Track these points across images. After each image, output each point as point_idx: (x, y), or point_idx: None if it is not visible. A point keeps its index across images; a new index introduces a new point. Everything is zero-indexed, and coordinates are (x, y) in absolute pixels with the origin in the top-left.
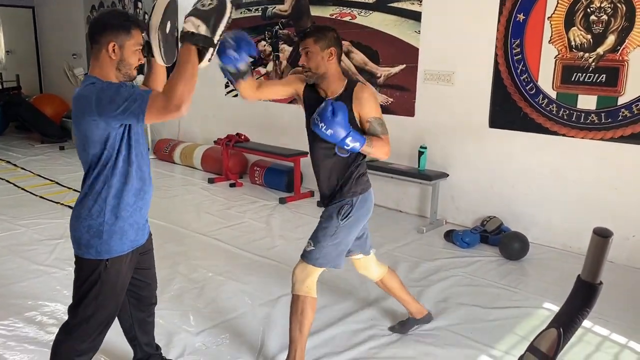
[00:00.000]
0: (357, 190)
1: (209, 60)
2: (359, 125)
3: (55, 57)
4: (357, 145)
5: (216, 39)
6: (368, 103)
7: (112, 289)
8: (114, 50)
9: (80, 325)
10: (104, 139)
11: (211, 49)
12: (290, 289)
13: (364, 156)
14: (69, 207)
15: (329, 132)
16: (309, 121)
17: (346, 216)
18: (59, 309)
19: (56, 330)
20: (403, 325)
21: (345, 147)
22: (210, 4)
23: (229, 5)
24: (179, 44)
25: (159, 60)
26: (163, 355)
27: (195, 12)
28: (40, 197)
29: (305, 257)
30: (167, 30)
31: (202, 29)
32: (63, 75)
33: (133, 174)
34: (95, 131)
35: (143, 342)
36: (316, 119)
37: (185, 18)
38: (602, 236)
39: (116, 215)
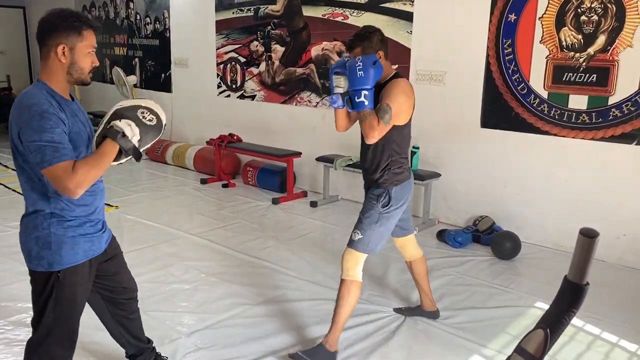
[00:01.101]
0: (392, 181)
1: (118, 164)
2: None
3: None
4: (365, 103)
5: (141, 150)
6: (392, 89)
7: (69, 300)
8: (63, 53)
9: (45, 339)
10: (24, 154)
11: (127, 158)
12: (341, 275)
13: (398, 153)
14: None
15: (360, 72)
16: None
17: (386, 205)
18: None
19: None
20: (410, 310)
21: (356, 97)
22: (150, 120)
23: (163, 129)
24: (100, 135)
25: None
26: (156, 349)
27: (136, 120)
28: None
29: (354, 245)
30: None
31: (135, 140)
32: None
33: None
34: (19, 144)
35: (133, 341)
36: (359, 58)
37: (122, 119)
38: (588, 236)
39: (63, 225)
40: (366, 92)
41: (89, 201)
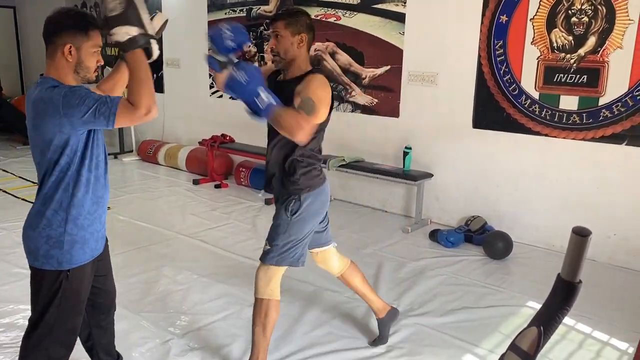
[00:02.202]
0: (304, 186)
1: (159, 50)
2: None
3: (37, 59)
4: (268, 101)
5: (149, 29)
6: (310, 84)
7: (74, 298)
8: (70, 52)
9: (45, 338)
10: (65, 143)
11: (153, 41)
12: (254, 293)
13: (310, 155)
14: None
15: (244, 78)
16: None
17: (295, 212)
18: None
19: None
20: (380, 338)
21: (255, 97)
22: (115, 5)
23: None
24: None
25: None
26: None
27: (112, 22)
28: (23, 199)
29: (263, 258)
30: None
31: (133, 31)
32: None
33: (94, 182)
34: (58, 135)
35: (102, 351)
36: (234, 68)
37: (109, 32)
38: (581, 235)
39: (77, 224)
40: (263, 90)
41: (101, 193)
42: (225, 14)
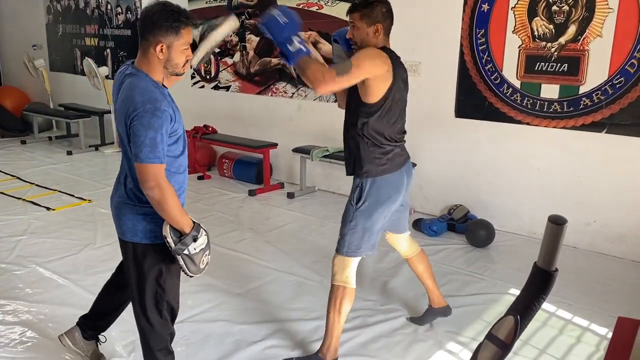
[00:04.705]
0: (369, 171)
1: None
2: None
3: (15, 49)
4: (303, 48)
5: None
6: (358, 52)
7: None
8: (161, 50)
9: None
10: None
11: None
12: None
13: (377, 138)
14: (31, 202)
15: (283, 19)
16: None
17: (358, 201)
18: (21, 308)
19: (19, 329)
20: (421, 318)
21: (287, 44)
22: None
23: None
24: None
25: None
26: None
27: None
28: (1, 193)
29: (337, 248)
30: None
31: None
32: (23, 67)
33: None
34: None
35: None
36: (276, 7)
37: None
38: (556, 223)
39: None
40: (297, 37)
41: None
42: (206, 3)
